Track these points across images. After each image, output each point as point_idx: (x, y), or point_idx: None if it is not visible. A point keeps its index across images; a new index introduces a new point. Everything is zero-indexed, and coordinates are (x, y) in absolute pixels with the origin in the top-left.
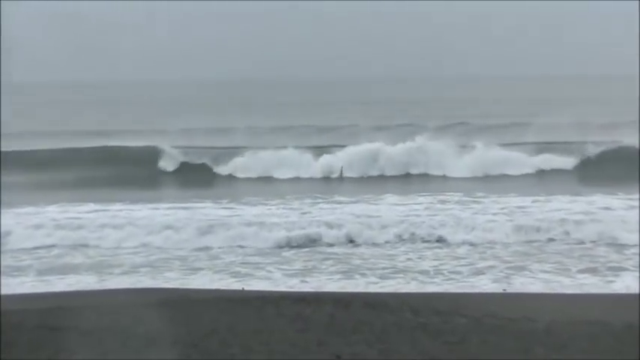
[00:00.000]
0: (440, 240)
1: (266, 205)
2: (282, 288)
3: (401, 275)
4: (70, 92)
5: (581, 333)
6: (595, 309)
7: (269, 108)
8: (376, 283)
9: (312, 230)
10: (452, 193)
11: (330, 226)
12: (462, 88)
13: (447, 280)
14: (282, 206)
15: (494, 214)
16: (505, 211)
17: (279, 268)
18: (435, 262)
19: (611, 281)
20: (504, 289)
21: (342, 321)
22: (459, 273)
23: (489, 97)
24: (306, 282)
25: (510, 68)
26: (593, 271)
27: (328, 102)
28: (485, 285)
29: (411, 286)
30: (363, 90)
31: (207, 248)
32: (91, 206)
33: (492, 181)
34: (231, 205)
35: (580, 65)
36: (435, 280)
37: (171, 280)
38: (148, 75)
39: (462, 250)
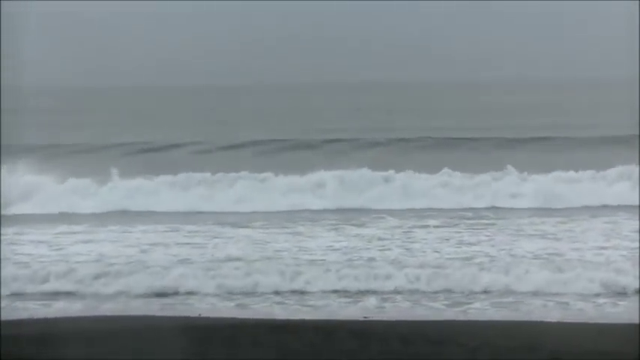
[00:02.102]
0: None
1: None
2: (254, 314)
3: None
4: None
5: None
6: (603, 339)
7: None
8: None
9: None
10: None
11: None
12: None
13: None
14: None
15: None
16: None
17: None
18: None
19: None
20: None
21: (324, 351)
22: None
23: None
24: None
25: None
26: None
27: None
28: (484, 311)
29: (401, 313)
30: None
31: None
32: None
33: None
34: None
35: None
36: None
37: None
38: None
39: None
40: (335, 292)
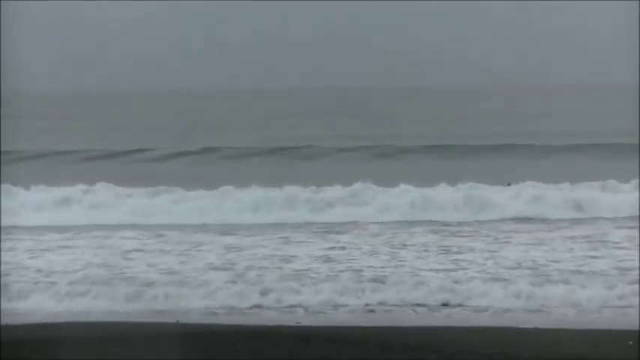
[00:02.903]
0: None
1: None
2: (231, 321)
3: None
4: None
5: None
6: (580, 345)
7: None
8: None
9: None
10: None
11: None
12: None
13: None
14: None
15: None
16: None
17: None
18: None
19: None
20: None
21: (302, 358)
22: None
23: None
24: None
25: None
26: None
27: None
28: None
29: (379, 319)
30: None
31: None
32: None
33: None
34: None
35: None
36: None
37: None
38: None
39: None
40: (314, 299)
